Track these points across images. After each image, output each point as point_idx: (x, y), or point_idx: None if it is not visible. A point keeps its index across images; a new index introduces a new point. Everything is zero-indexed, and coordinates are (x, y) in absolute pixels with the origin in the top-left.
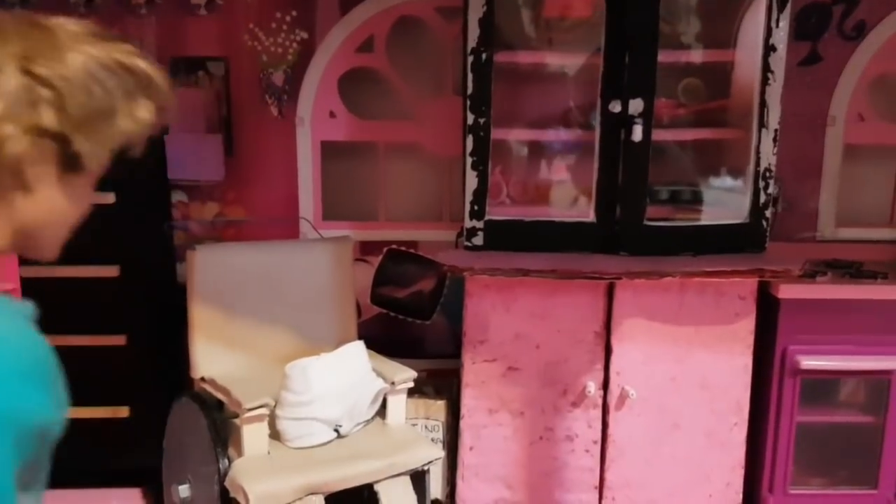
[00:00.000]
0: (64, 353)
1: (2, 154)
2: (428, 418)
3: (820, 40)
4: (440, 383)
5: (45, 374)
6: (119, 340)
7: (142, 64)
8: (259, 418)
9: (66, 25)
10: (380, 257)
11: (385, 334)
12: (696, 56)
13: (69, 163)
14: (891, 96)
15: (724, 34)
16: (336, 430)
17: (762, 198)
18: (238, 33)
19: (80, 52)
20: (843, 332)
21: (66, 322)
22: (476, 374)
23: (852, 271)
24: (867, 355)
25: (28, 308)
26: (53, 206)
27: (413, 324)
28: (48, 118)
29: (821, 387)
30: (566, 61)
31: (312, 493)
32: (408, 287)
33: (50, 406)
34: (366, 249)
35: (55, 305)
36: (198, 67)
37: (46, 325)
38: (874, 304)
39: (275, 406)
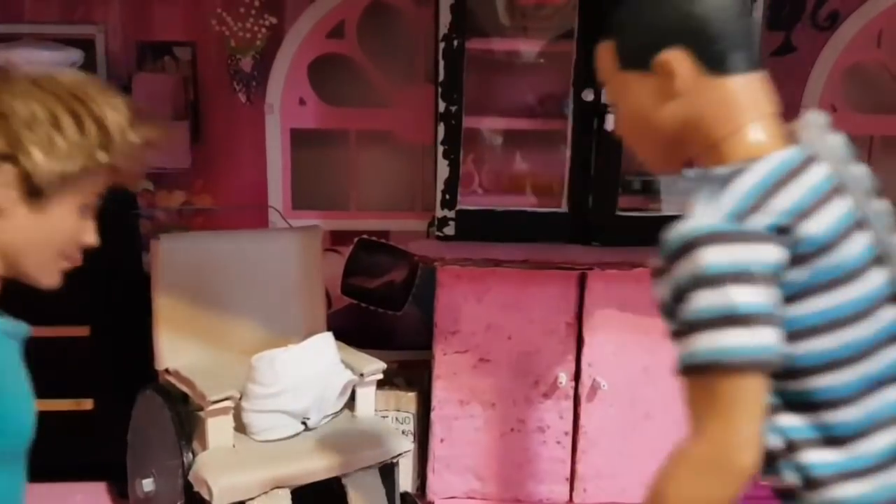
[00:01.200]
0: (26, 345)
1: None
2: (399, 410)
3: (793, 30)
4: (411, 375)
5: None
6: (83, 331)
7: (101, 115)
8: (224, 411)
9: (32, 73)
10: (351, 247)
11: (356, 325)
12: None
13: (30, 186)
14: (863, 87)
15: None
16: (304, 423)
17: None
18: (205, 17)
19: (35, 91)
20: None
21: (28, 312)
22: (447, 366)
23: None
24: None
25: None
26: (28, 228)
27: (384, 314)
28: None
29: None
30: (540, 49)
31: (278, 487)
32: (379, 277)
33: None
34: (337, 239)
35: (17, 295)
36: (164, 52)
37: (7, 313)
38: None
39: (241, 398)
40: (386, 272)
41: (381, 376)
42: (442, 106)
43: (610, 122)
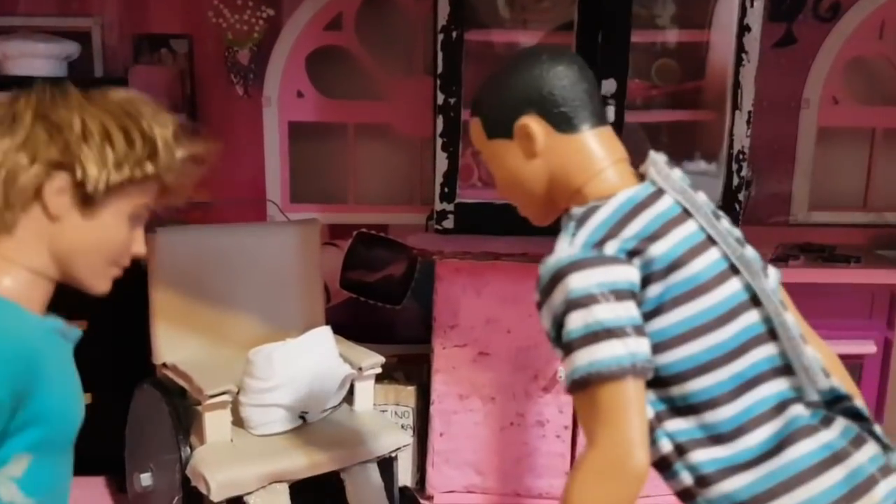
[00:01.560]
0: None
1: (21, 180)
2: (398, 404)
3: (795, 22)
4: (410, 369)
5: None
6: (80, 325)
7: (148, 129)
8: (221, 405)
9: (89, 92)
10: (349, 241)
11: (355, 319)
12: (671, 37)
13: (82, 194)
14: (865, 79)
15: (698, 15)
16: (302, 417)
17: (735, 181)
18: (202, 10)
19: (88, 107)
20: (815, 316)
21: None
22: (447, 360)
23: (825, 255)
24: (839, 339)
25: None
26: (80, 234)
27: (383, 308)
28: (54, 152)
29: None
30: (539, 41)
31: (276, 482)
32: (378, 271)
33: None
34: (335, 233)
35: None
36: (160, 45)
37: None
38: (847, 289)
39: (238, 393)
40: (385, 266)
41: (379, 370)
42: (441, 98)
43: (610, 114)
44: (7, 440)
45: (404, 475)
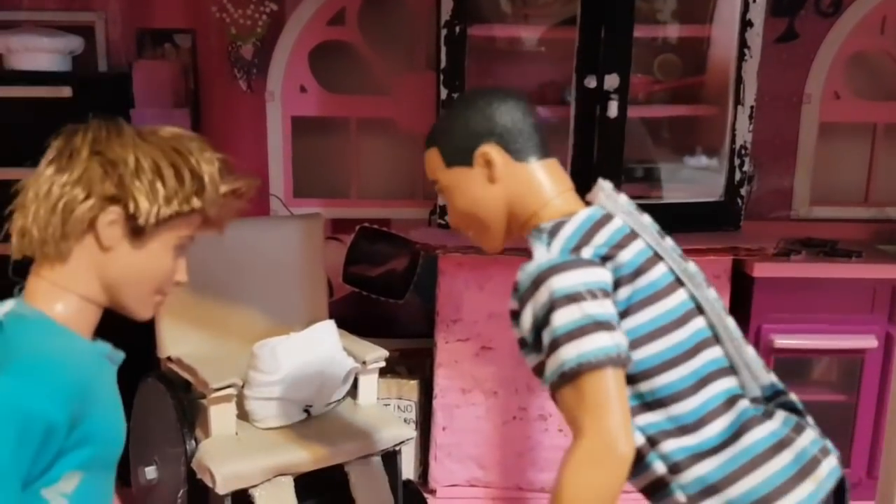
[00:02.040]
0: None
1: (76, 212)
2: (401, 398)
3: (796, 17)
4: (413, 363)
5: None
6: None
7: (196, 166)
8: (226, 398)
9: (139, 128)
10: (352, 235)
11: (357, 313)
12: (673, 32)
13: (133, 226)
14: (866, 74)
15: (700, 10)
16: (306, 411)
17: (737, 176)
18: (205, 5)
19: (141, 144)
20: (816, 310)
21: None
22: (449, 354)
23: (827, 250)
24: (841, 334)
25: (111, 350)
26: (129, 264)
27: (386, 303)
28: (109, 186)
29: (794, 365)
30: (541, 36)
31: (281, 475)
32: (380, 266)
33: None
34: (338, 227)
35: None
36: (164, 39)
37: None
38: (848, 283)
39: (243, 386)
40: (387, 260)
41: (383, 364)
42: (444, 93)
43: (613, 109)
44: (59, 459)
45: (407, 469)
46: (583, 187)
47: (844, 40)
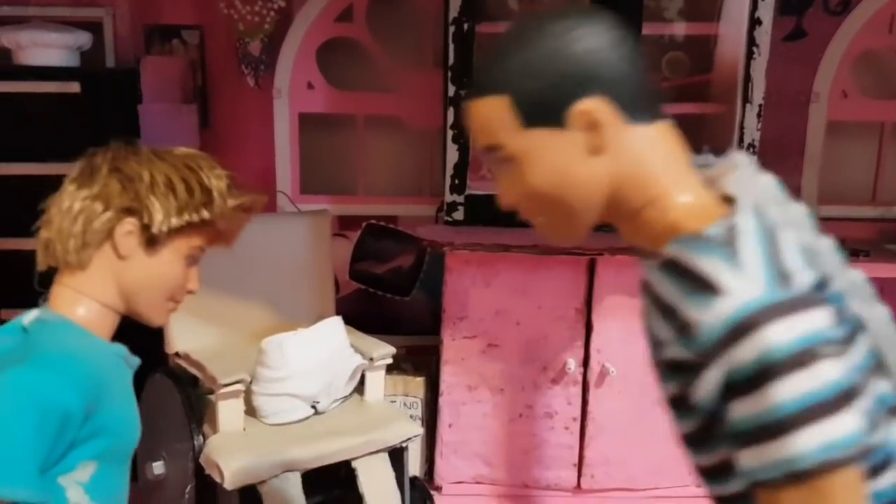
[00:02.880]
0: None
1: (95, 224)
2: (406, 395)
3: (805, 15)
4: (419, 360)
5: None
6: None
7: (206, 181)
8: (234, 394)
9: (155, 147)
10: (359, 232)
11: (363, 310)
12: (679, 29)
13: (148, 236)
14: (874, 72)
15: (708, 7)
16: (313, 407)
17: None
18: (214, 1)
19: (156, 161)
20: None
21: (36, 294)
22: (456, 351)
23: None
24: None
25: (128, 354)
26: (144, 272)
27: (392, 300)
28: (126, 199)
29: None
30: None
31: (289, 471)
32: (387, 262)
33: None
34: (344, 224)
35: (24, 276)
36: (172, 36)
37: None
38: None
39: (251, 382)
40: (394, 257)
41: (390, 361)
42: (452, 90)
43: None
44: (75, 449)
45: (413, 465)
46: None
47: (853, 39)
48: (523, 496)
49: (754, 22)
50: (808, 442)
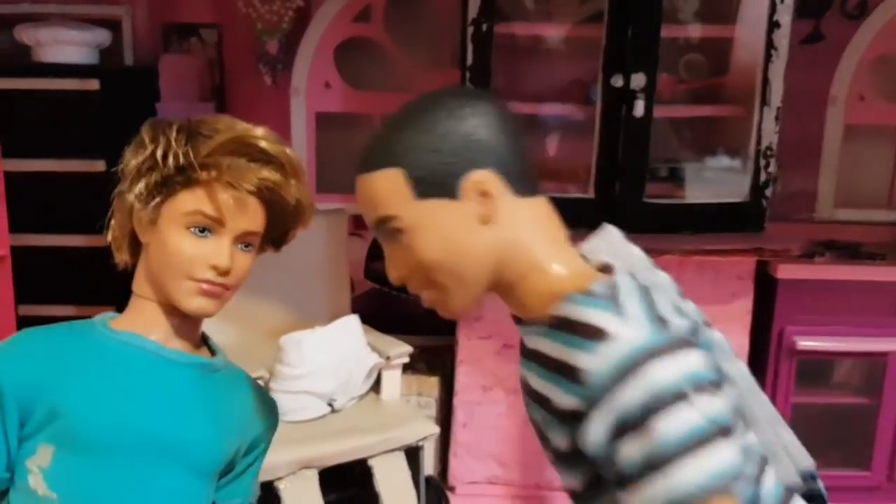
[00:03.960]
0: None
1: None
2: (420, 394)
3: (822, 19)
4: (433, 360)
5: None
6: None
7: (164, 131)
8: None
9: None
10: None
11: (377, 310)
12: (698, 32)
13: (143, 216)
14: (892, 76)
15: (724, 10)
16: (330, 405)
17: (762, 177)
18: (232, 0)
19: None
20: (840, 313)
21: (52, 293)
22: (471, 351)
23: (850, 252)
24: (864, 337)
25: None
26: (157, 255)
27: (406, 300)
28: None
29: (817, 368)
30: (567, 33)
31: (306, 468)
32: None
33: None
34: (360, 223)
35: (41, 275)
36: (190, 34)
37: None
38: (872, 286)
39: (269, 379)
40: None
41: (407, 359)
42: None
43: (639, 109)
44: (37, 432)
45: (427, 465)
46: (608, 186)
47: (870, 42)
48: (537, 497)
49: (773, 25)
50: (693, 472)
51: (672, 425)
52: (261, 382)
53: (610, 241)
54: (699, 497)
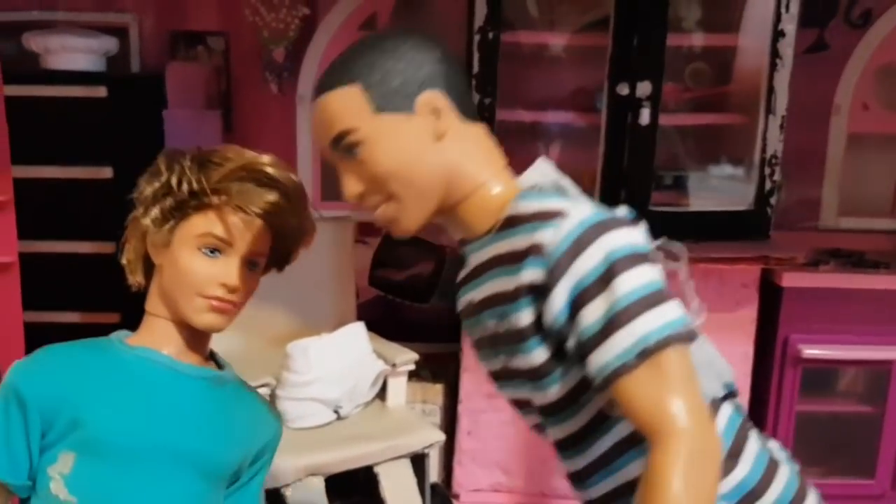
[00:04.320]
0: (60, 337)
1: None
2: (425, 402)
3: (826, 28)
4: (437, 367)
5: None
6: (113, 318)
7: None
8: None
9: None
10: (378, 239)
11: (382, 317)
12: (703, 40)
13: (157, 238)
14: (895, 85)
15: (724, 19)
16: (336, 412)
17: (767, 185)
18: (239, 8)
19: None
20: (844, 321)
21: (58, 298)
22: (475, 359)
23: (854, 261)
24: (868, 345)
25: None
26: (169, 275)
27: (410, 307)
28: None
29: (821, 376)
30: (570, 42)
31: (312, 475)
32: (406, 269)
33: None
34: (364, 230)
35: (47, 281)
36: (197, 42)
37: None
38: (876, 294)
39: (275, 386)
40: (413, 264)
41: (412, 367)
42: (476, 98)
43: (644, 117)
44: (59, 441)
45: (431, 473)
46: (613, 193)
47: (874, 52)
48: None
49: (777, 34)
50: (652, 322)
51: (631, 281)
52: (267, 389)
53: (544, 172)
54: (660, 344)
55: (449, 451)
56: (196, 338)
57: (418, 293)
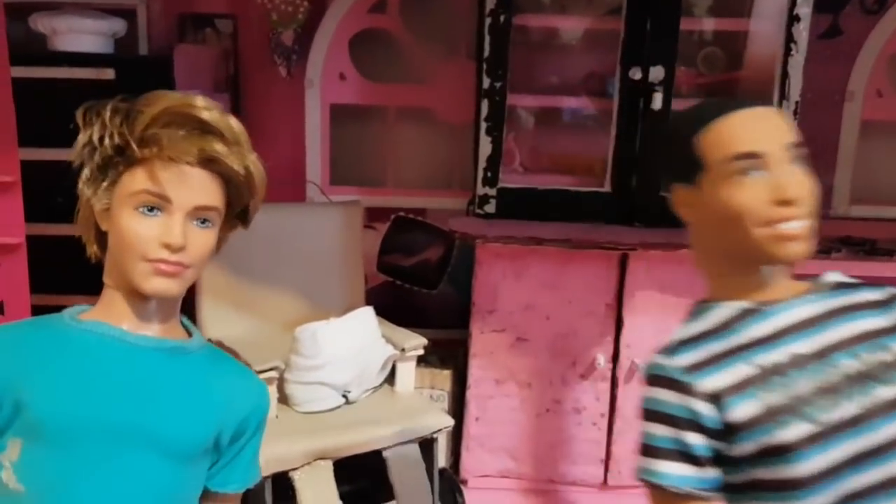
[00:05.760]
0: None
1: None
2: (433, 388)
3: (841, 13)
4: (445, 353)
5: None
6: None
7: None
8: (269, 382)
9: None
10: (387, 224)
11: (390, 302)
12: (716, 25)
13: (98, 205)
14: None
15: (740, 4)
16: (344, 396)
17: None
18: None
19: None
20: None
21: (65, 283)
22: (484, 345)
23: (866, 249)
24: None
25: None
26: (113, 241)
27: (419, 293)
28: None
29: None
30: (584, 26)
31: (321, 458)
32: (415, 255)
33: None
34: (373, 216)
35: (52, 265)
36: (205, 24)
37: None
38: (888, 283)
39: (284, 370)
40: (422, 250)
41: (421, 352)
42: (486, 82)
43: (657, 102)
44: (6, 430)
45: (439, 458)
46: (624, 181)
47: (888, 38)
48: (549, 491)
49: (792, 18)
50: None
51: None
52: (276, 373)
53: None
54: None
55: (457, 436)
56: (154, 307)
57: (426, 279)
